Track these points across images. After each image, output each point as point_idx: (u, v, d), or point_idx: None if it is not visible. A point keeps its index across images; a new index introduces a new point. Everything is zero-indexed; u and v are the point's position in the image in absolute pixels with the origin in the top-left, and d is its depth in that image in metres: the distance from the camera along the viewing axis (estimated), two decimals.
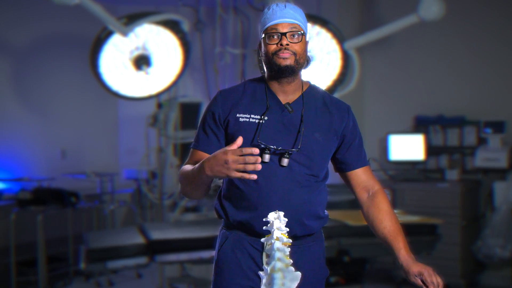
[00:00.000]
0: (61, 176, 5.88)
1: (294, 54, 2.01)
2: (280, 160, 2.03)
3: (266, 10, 2.09)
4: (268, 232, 1.69)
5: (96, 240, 4.09)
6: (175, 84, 5.05)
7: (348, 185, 2.25)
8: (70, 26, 6.23)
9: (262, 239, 1.72)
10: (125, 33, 4.62)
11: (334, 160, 2.19)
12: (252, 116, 2.06)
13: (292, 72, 2.03)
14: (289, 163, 2.03)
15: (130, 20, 4.63)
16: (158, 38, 4.82)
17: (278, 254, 1.66)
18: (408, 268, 2.13)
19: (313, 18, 4.71)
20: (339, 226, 4.21)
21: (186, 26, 4.90)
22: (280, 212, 1.70)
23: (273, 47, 2.02)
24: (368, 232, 4.38)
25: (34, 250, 5.11)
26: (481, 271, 5.39)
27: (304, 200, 2.07)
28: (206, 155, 2.01)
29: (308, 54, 2.12)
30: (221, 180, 2.17)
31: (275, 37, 2.02)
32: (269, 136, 2.03)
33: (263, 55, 2.07)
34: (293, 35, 2.02)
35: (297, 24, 2.05)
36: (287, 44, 2.00)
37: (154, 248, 3.91)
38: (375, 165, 5.94)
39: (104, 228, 6.09)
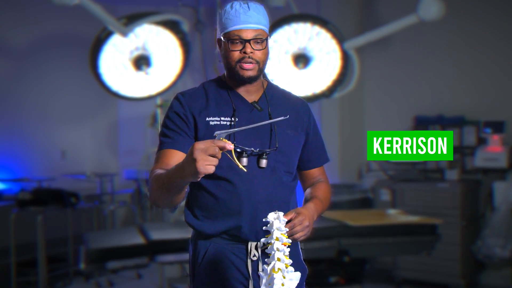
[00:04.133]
0: (61, 177, 5.88)
1: (258, 63, 1.96)
2: (258, 162, 1.97)
3: (228, 8, 1.97)
4: (268, 232, 1.69)
5: (96, 241, 4.09)
6: (175, 84, 5.05)
7: (300, 179, 2.19)
8: (69, 27, 6.24)
9: (262, 239, 1.71)
10: (125, 34, 4.62)
11: None
12: (222, 118, 1.98)
13: (254, 80, 2.00)
14: (268, 162, 1.98)
15: (130, 21, 4.63)
16: (158, 39, 4.82)
17: (278, 254, 1.66)
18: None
19: (313, 18, 4.71)
20: (339, 226, 4.22)
21: (186, 27, 4.90)
22: (279, 212, 1.70)
23: (236, 55, 1.94)
24: (368, 232, 4.41)
25: (34, 251, 5.11)
26: (481, 271, 5.39)
27: (286, 200, 2.03)
28: (178, 155, 1.92)
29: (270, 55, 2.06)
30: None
31: (238, 43, 1.94)
32: (243, 138, 1.96)
33: (224, 58, 1.99)
34: (257, 42, 1.96)
35: (261, 29, 1.97)
36: (251, 52, 1.94)
37: (154, 249, 3.91)
38: (375, 165, 5.94)
39: (104, 229, 6.09)
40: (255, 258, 1.97)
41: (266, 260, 1.70)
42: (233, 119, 1.97)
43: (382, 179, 5.68)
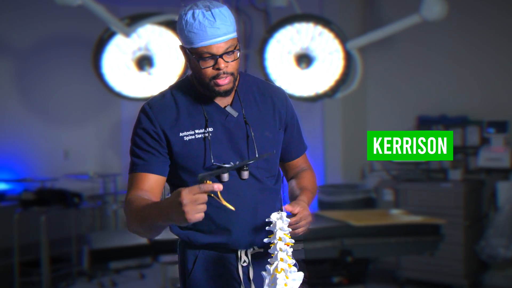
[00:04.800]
0: (64, 177, 5.90)
1: (232, 74, 1.82)
2: (239, 174, 1.88)
3: (190, 19, 1.76)
4: (271, 233, 1.70)
5: (99, 241, 4.10)
6: None
7: (283, 170, 2.11)
8: (72, 27, 6.24)
9: (265, 239, 1.71)
10: (127, 34, 4.62)
11: None
12: (196, 131, 1.86)
13: (230, 92, 1.86)
14: (252, 171, 1.90)
15: (133, 21, 4.63)
16: (160, 39, 4.82)
17: (281, 254, 1.66)
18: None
19: (316, 18, 4.71)
20: (342, 226, 4.22)
21: None
22: (282, 212, 1.70)
23: (209, 72, 1.79)
24: (371, 232, 4.40)
25: (37, 251, 5.12)
26: (484, 271, 5.38)
27: (273, 206, 1.95)
28: (152, 178, 1.85)
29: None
30: None
31: (209, 59, 1.78)
32: (221, 149, 1.87)
33: (193, 71, 1.85)
34: (229, 53, 1.79)
35: (231, 39, 1.79)
36: (226, 67, 1.79)
37: (157, 249, 3.91)
38: (378, 165, 5.94)
39: (107, 229, 6.10)
40: (245, 264, 1.94)
41: (269, 260, 1.70)
42: (207, 130, 1.86)
43: (385, 179, 5.67)
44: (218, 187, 1.56)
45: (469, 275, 5.18)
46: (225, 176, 1.84)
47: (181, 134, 1.86)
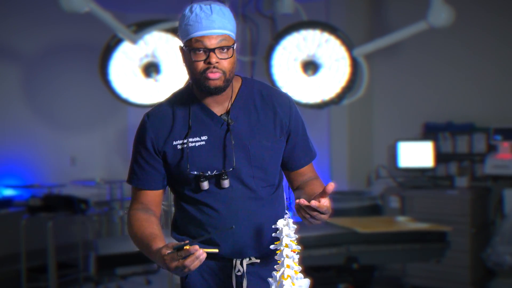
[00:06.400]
0: (70, 183, 5.91)
1: (224, 73, 1.79)
2: (219, 183, 1.86)
3: (187, 13, 1.78)
4: (277, 239, 1.70)
5: (106, 247, 4.11)
6: None
7: (288, 179, 2.06)
8: (79, 34, 6.28)
9: (271, 246, 1.71)
10: (134, 41, 4.64)
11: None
12: (190, 140, 1.86)
13: (222, 91, 1.83)
14: (245, 180, 1.88)
15: (140, 28, 4.65)
16: (167, 46, 4.84)
17: (287, 261, 1.66)
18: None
19: (322, 25, 4.72)
20: (348, 233, 4.21)
21: None
22: (289, 219, 1.70)
23: (200, 66, 1.77)
24: (377, 239, 4.40)
25: (45, 257, 5.13)
26: (491, 279, 5.36)
27: (269, 215, 1.91)
28: (150, 194, 1.92)
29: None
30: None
31: (201, 52, 1.76)
32: (212, 158, 1.86)
33: (187, 69, 1.84)
34: (222, 49, 1.77)
35: (226, 35, 1.77)
36: (217, 62, 1.76)
37: None
38: (384, 172, 5.93)
39: (113, 235, 6.11)
40: (239, 273, 1.94)
41: (275, 266, 1.70)
42: (196, 138, 1.86)
43: (391, 186, 5.66)
44: (202, 256, 1.58)
45: (476, 282, 5.17)
46: (205, 185, 1.86)
47: (174, 143, 1.88)
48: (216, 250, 1.72)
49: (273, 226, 1.72)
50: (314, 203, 1.68)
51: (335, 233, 4.19)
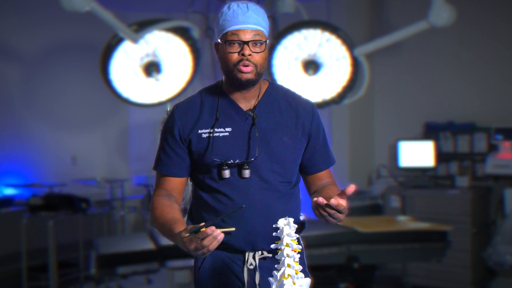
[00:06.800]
0: (71, 182, 5.91)
1: (255, 66, 1.90)
2: (240, 173, 1.94)
3: (225, 9, 1.91)
4: (278, 238, 1.70)
5: (107, 246, 4.11)
6: (185, 90, 5.07)
7: (306, 184, 2.13)
8: (80, 33, 6.28)
9: (272, 245, 1.71)
10: (135, 40, 4.64)
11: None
12: (215, 130, 1.95)
13: (253, 85, 1.94)
14: (262, 173, 1.95)
15: (140, 27, 4.65)
16: (168, 45, 4.84)
17: (288, 260, 1.66)
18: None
19: (323, 24, 4.72)
20: (349, 233, 4.21)
21: (196, 33, 4.91)
22: (290, 218, 1.70)
23: (234, 57, 1.88)
24: (378, 238, 4.40)
25: (45, 256, 5.14)
26: (491, 278, 5.36)
27: (283, 210, 1.97)
28: (173, 180, 2.01)
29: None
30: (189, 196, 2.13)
31: (236, 45, 1.88)
32: (235, 149, 1.94)
33: (221, 61, 1.94)
34: (256, 44, 1.89)
35: (260, 30, 1.90)
36: (249, 55, 1.87)
37: (164, 254, 3.92)
38: (385, 171, 5.93)
39: (114, 234, 6.11)
40: (251, 267, 1.97)
41: (276, 266, 1.70)
42: (220, 129, 1.95)
43: (392, 186, 5.66)
44: (219, 237, 1.66)
45: (476, 282, 5.17)
46: (226, 173, 1.94)
47: (199, 131, 1.96)
48: (233, 229, 1.76)
49: (273, 225, 1.72)
50: (333, 201, 1.73)
51: (335, 232, 4.19)
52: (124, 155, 7.01)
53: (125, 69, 4.79)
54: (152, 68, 4.82)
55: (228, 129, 1.96)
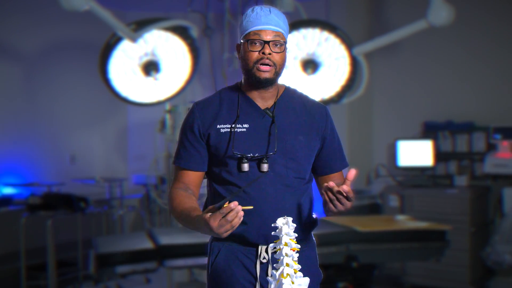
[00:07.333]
0: (70, 182, 5.91)
1: (275, 65, 2.00)
2: (259, 166, 2.02)
3: (249, 12, 2.03)
4: (277, 238, 1.70)
5: (105, 245, 4.10)
6: (183, 90, 5.07)
7: (318, 185, 2.20)
8: (79, 32, 6.27)
9: (271, 245, 1.73)
10: (134, 39, 4.64)
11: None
12: (233, 125, 2.04)
13: (271, 84, 2.03)
14: (277, 168, 2.02)
15: (139, 26, 4.65)
16: (167, 44, 4.84)
17: (286, 260, 1.66)
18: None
19: (322, 23, 4.72)
20: (348, 232, 4.21)
21: (194, 32, 4.92)
22: (288, 217, 1.71)
23: (255, 56, 1.98)
24: (377, 237, 4.40)
25: (44, 255, 5.13)
26: (490, 278, 5.36)
27: (296, 205, 2.05)
28: (191, 174, 2.08)
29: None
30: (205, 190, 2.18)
31: (257, 44, 1.99)
32: (253, 144, 2.02)
33: (242, 60, 2.03)
34: (276, 44, 1.99)
35: (280, 32, 2.02)
36: (269, 54, 1.98)
37: (163, 253, 3.92)
38: (384, 171, 5.93)
39: (113, 233, 6.11)
40: (264, 261, 2.02)
41: (274, 265, 1.71)
42: (235, 125, 2.03)
43: (390, 185, 5.66)
44: (240, 213, 1.72)
45: (475, 281, 5.17)
46: (245, 166, 2.01)
47: (218, 126, 2.04)
48: (251, 207, 1.86)
49: (272, 225, 1.73)
50: (345, 187, 1.85)
51: (334, 231, 4.19)
52: (123, 154, 7.00)
53: (124, 68, 4.79)
54: (151, 67, 4.82)
55: (246, 125, 2.03)
